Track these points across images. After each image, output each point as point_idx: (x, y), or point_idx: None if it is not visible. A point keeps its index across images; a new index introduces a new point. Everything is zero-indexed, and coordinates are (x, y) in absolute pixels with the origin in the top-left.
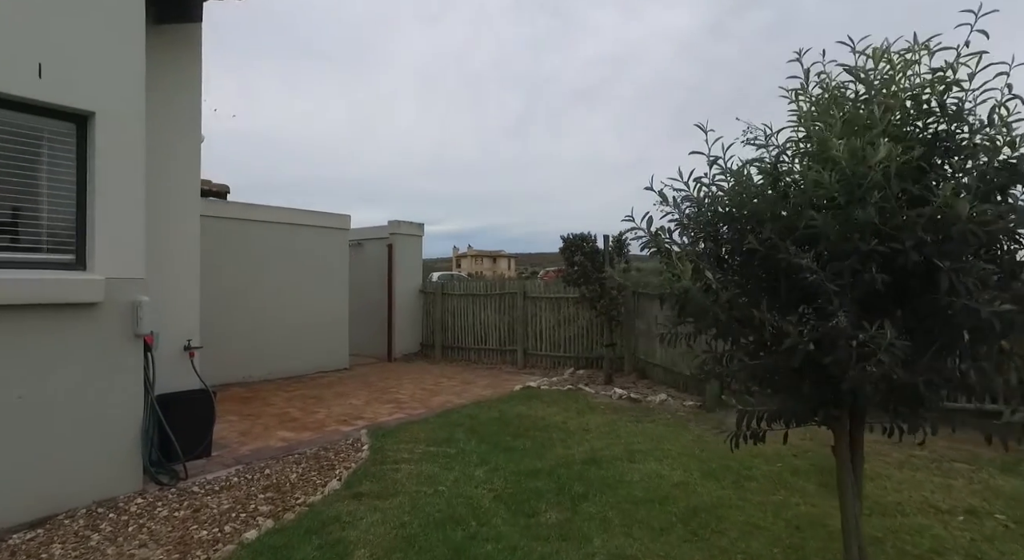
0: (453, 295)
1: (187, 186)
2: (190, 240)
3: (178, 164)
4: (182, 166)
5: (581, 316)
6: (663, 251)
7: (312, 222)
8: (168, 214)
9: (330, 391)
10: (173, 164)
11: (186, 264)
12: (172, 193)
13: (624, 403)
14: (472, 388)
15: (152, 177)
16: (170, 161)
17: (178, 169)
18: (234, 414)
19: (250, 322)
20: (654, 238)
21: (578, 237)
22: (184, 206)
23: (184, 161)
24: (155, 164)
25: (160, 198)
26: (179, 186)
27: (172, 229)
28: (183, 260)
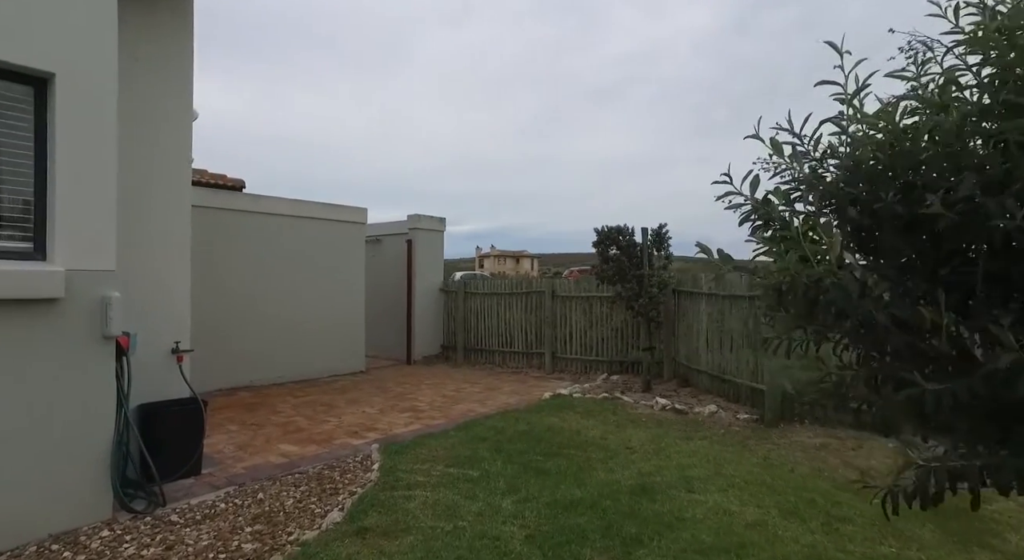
0: (476, 294)
1: (176, 167)
2: (179, 228)
3: (165, 141)
4: (170, 144)
5: (614, 317)
6: (776, 223)
7: (327, 215)
8: (152, 198)
9: (343, 397)
10: (159, 141)
11: (174, 255)
12: (157, 174)
13: (668, 415)
14: (497, 395)
15: (132, 155)
16: (156, 137)
17: (165, 147)
18: (236, 423)
19: (260, 321)
20: (762, 206)
21: (613, 230)
22: (172, 189)
23: (172, 138)
24: (136, 140)
25: (143, 180)
26: (166, 166)
27: (157, 215)
28: (171, 250)
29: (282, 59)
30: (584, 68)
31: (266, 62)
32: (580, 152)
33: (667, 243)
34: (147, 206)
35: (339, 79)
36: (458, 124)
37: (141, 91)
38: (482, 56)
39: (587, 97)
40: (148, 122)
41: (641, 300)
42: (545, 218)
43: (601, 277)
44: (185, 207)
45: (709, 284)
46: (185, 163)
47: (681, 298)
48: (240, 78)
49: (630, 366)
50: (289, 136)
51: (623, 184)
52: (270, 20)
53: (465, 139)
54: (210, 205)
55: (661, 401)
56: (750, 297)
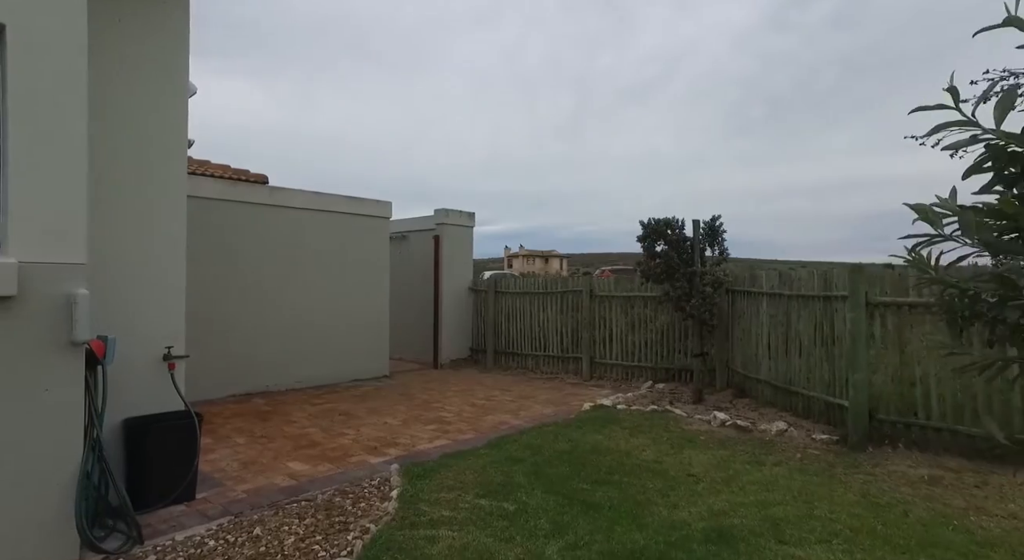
0: (508, 294)
1: (169, 145)
2: (172, 219)
3: (156, 118)
4: (161, 119)
5: (658, 318)
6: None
7: (349, 209)
8: (139, 185)
9: (363, 405)
10: (148, 117)
11: (167, 249)
12: (146, 153)
13: (730, 432)
14: (531, 404)
15: (114, 135)
16: (144, 113)
17: (155, 123)
18: (244, 434)
19: (277, 322)
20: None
21: (661, 223)
22: (164, 175)
23: (164, 115)
24: (118, 115)
25: (129, 163)
26: (156, 144)
27: (146, 203)
28: (162, 241)
29: (313, 61)
30: (617, 66)
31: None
32: (612, 151)
33: (721, 237)
34: (132, 193)
35: (369, 80)
36: (488, 124)
37: (125, 62)
38: (514, 55)
39: (620, 95)
40: (133, 97)
41: (693, 301)
42: (574, 218)
43: (647, 275)
44: (179, 196)
45: (771, 282)
46: (179, 145)
47: (736, 298)
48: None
49: (677, 373)
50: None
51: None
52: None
53: (495, 139)
54: (225, 198)
55: (719, 415)
56: (825, 297)
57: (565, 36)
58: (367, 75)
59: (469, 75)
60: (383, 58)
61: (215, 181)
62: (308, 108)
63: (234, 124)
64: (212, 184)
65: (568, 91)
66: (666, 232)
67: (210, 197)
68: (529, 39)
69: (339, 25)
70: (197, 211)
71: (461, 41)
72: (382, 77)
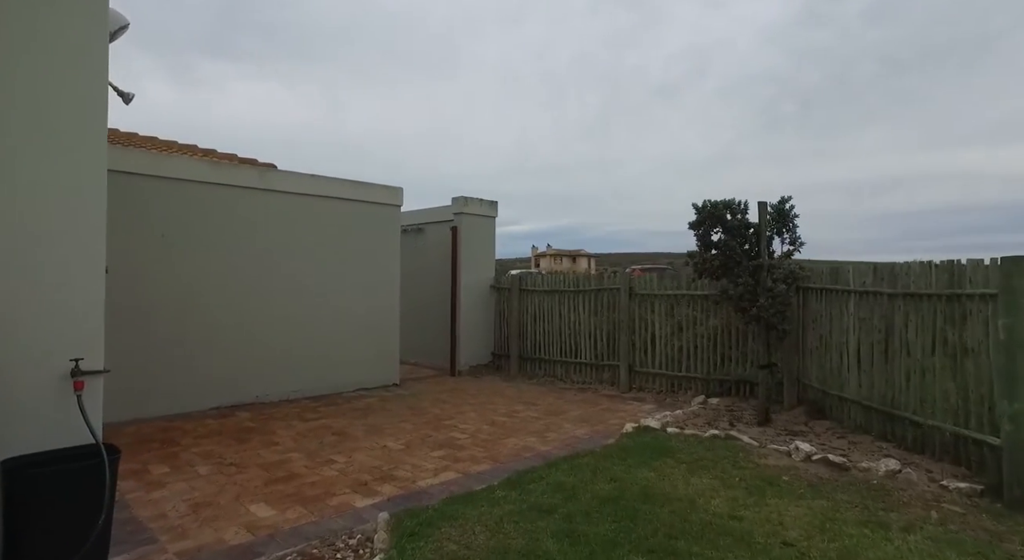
0: (534, 292)
1: (72, 98)
2: (83, 192)
3: (56, 62)
4: (62, 64)
5: (710, 321)
6: None
7: (353, 195)
8: (31, 145)
9: (363, 422)
10: (41, 62)
11: (71, 232)
12: (43, 111)
13: (820, 470)
14: (561, 423)
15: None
16: (36, 58)
17: (54, 68)
18: (211, 461)
19: (269, 324)
20: None
21: (720, 205)
22: (68, 132)
23: (65, 59)
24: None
25: (19, 119)
26: (55, 98)
27: (40, 172)
28: (66, 226)
29: (341, 63)
30: (646, 64)
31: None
32: (640, 150)
33: (792, 223)
34: (23, 158)
35: (397, 81)
36: (516, 124)
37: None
38: (542, 54)
39: (649, 94)
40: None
41: (761, 300)
42: (602, 218)
43: (701, 269)
44: (94, 167)
45: (862, 278)
46: (98, 96)
47: (809, 298)
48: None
49: (734, 387)
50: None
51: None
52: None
53: (523, 139)
54: (205, 180)
55: (802, 446)
56: (951, 296)
57: (593, 34)
58: (395, 76)
59: (497, 75)
60: (411, 59)
61: (191, 160)
62: (336, 110)
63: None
64: (187, 164)
65: (596, 90)
66: (725, 217)
67: (184, 178)
68: (557, 38)
69: (367, 27)
70: (171, 195)
71: (489, 41)
72: (410, 78)
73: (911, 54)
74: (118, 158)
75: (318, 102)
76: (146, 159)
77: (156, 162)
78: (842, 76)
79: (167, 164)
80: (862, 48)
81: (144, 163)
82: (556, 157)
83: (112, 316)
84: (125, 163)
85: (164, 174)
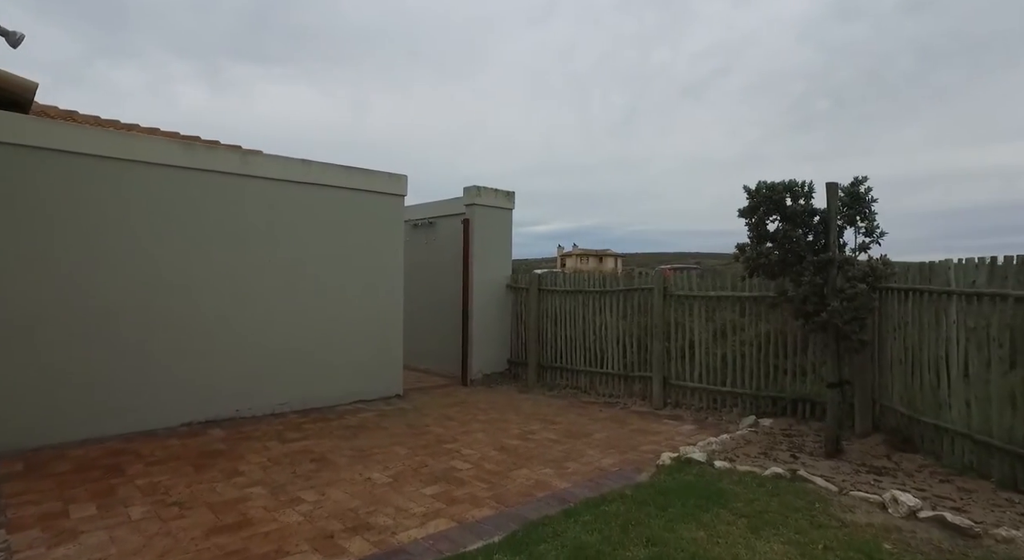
0: (555, 292)
1: None
2: None
3: None
4: None
5: (758, 327)
6: None
7: (350, 183)
8: None
9: (350, 444)
10: None
11: None
12: None
13: (933, 532)
14: (584, 449)
15: None
16: None
17: None
18: (150, 499)
19: (250, 327)
20: None
21: (779, 188)
22: None
23: None
24: None
25: None
26: None
27: None
28: None
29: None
30: (672, 62)
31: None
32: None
33: (869, 209)
34: None
35: (421, 81)
36: (541, 123)
37: None
38: (567, 54)
39: (676, 92)
40: None
41: (833, 303)
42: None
43: (754, 266)
44: None
45: (970, 277)
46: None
47: (890, 300)
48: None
49: (790, 406)
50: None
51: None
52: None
53: (548, 138)
54: (178, 164)
55: (902, 498)
56: None
57: (619, 33)
58: (420, 77)
59: (522, 74)
60: (436, 60)
61: (158, 141)
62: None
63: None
64: (157, 146)
65: (622, 89)
66: (784, 202)
67: (150, 161)
68: (583, 37)
69: (392, 28)
70: (134, 180)
71: (514, 41)
72: (435, 78)
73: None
74: (62, 136)
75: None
76: (103, 139)
77: (114, 142)
78: (877, 71)
79: (129, 145)
80: (898, 42)
81: (101, 143)
82: (581, 156)
83: (58, 317)
84: (76, 142)
85: (125, 156)
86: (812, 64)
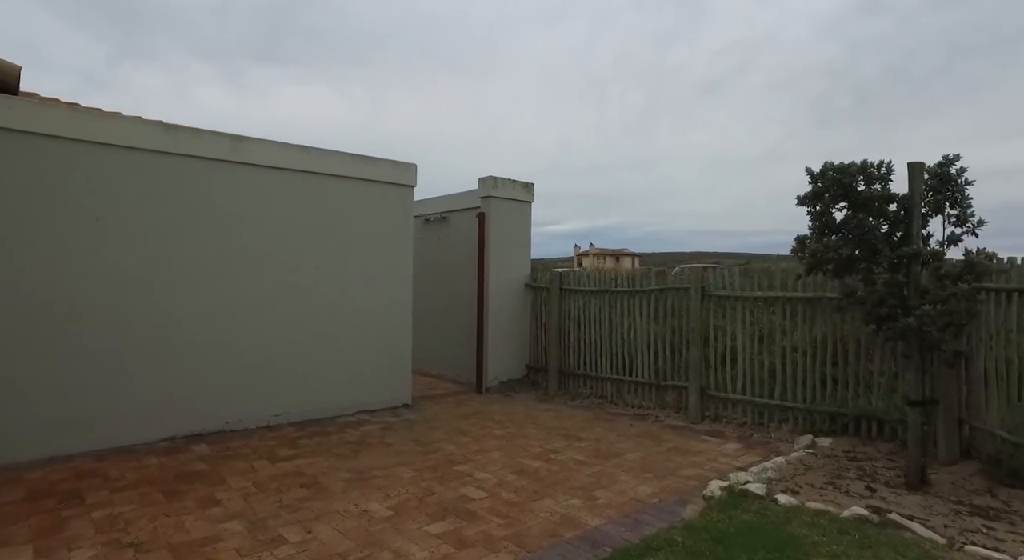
0: (579, 292)
1: None
2: None
3: None
4: None
5: (813, 332)
6: None
7: (351, 172)
8: None
9: (349, 465)
10: None
11: None
12: None
13: None
14: (615, 473)
15: None
16: None
17: None
18: (107, 536)
19: (240, 330)
20: None
21: (850, 170)
22: None
23: None
24: None
25: None
26: None
27: None
28: None
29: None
30: (690, 60)
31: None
32: (684, 148)
33: (962, 194)
34: None
35: (437, 82)
36: (558, 123)
37: None
38: (584, 53)
39: (694, 90)
40: None
41: (923, 307)
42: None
43: (815, 261)
44: None
45: None
46: None
47: (986, 303)
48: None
49: (853, 423)
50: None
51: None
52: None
53: (565, 138)
54: (155, 148)
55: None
56: None
57: (636, 31)
58: (435, 78)
59: (538, 74)
60: (452, 60)
61: (136, 123)
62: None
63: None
64: (131, 127)
65: (639, 87)
66: (855, 186)
67: (128, 146)
68: (600, 36)
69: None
70: (109, 167)
71: (530, 40)
72: (450, 79)
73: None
74: (31, 117)
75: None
76: (69, 119)
77: (85, 123)
78: (903, 66)
79: (102, 126)
80: (925, 36)
81: (70, 125)
82: (598, 156)
83: (9, 319)
84: (43, 123)
85: (99, 139)
86: (835, 60)
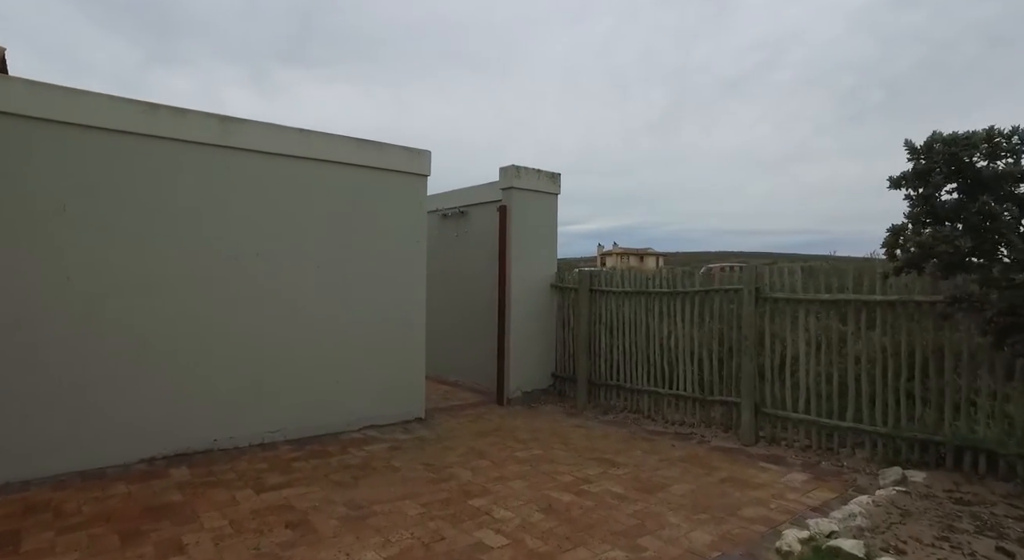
0: (611, 293)
1: None
2: None
3: None
4: None
5: (895, 341)
6: None
7: (358, 159)
8: None
9: (346, 497)
10: None
11: None
12: None
13: None
14: (662, 511)
15: None
16: None
17: None
18: None
19: (230, 336)
20: None
21: (970, 140)
22: None
23: None
24: None
25: None
26: None
27: None
28: None
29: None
30: (715, 57)
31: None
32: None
33: None
34: None
35: (462, 81)
36: (581, 122)
37: None
38: (607, 51)
39: (719, 88)
40: None
41: None
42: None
43: (922, 256)
44: None
45: None
46: None
47: None
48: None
49: (950, 454)
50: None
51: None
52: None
53: (587, 137)
54: (132, 130)
55: None
56: None
57: (660, 28)
58: (459, 76)
59: (562, 73)
60: (475, 59)
61: (110, 100)
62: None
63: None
64: (103, 105)
65: (663, 85)
66: (971, 162)
67: (100, 126)
68: (623, 33)
69: (432, 28)
70: (76, 150)
71: (554, 39)
72: (474, 78)
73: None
74: None
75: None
76: (33, 95)
77: (50, 100)
78: (937, 59)
79: (70, 104)
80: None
81: (30, 101)
82: (621, 155)
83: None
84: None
85: (65, 118)
86: (866, 54)
